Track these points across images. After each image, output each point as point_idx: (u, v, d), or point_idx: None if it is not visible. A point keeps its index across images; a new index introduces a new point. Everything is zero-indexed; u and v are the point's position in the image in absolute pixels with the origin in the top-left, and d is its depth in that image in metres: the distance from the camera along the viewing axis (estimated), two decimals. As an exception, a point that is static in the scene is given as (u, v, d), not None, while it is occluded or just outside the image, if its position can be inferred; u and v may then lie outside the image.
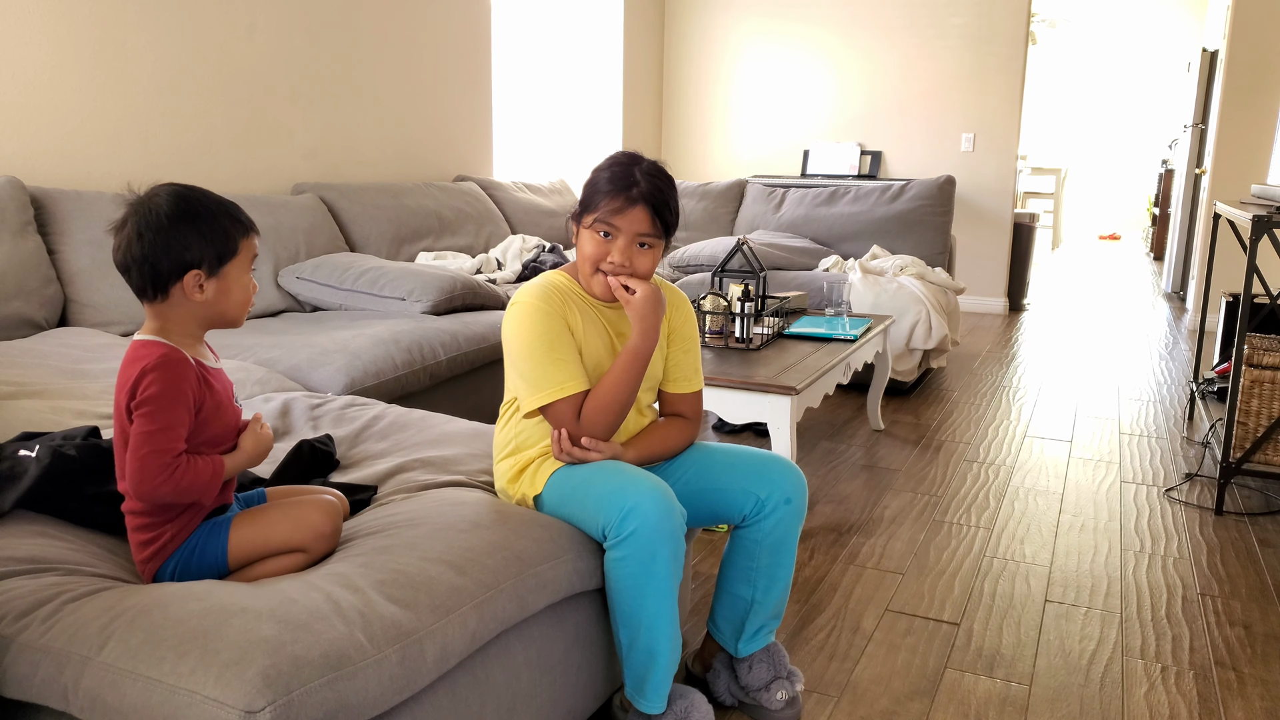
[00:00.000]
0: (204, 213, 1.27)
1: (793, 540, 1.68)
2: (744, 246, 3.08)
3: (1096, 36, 11.78)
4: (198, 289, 1.27)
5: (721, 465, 1.68)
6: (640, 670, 1.52)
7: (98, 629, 1.07)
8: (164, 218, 1.24)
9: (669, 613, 1.48)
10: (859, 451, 3.33)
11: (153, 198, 1.26)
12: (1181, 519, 2.75)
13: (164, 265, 1.24)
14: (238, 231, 1.30)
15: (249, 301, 1.34)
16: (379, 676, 1.07)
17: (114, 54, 3.08)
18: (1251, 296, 2.67)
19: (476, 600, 1.24)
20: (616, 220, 1.52)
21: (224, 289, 1.29)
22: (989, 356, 4.94)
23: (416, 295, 3.09)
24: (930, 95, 6.09)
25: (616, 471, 1.51)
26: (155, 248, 1.24)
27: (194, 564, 1.30)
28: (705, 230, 5.22)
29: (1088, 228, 12.51)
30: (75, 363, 2.27)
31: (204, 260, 1.26)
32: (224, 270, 1.28)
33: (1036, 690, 1.85)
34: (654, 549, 1.44)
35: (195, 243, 1.25)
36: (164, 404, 1.22)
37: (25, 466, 1.39)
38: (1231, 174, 5.63)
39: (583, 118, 6.03)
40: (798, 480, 1.67)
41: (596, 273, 1.57)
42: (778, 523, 1.65)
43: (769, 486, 1.64)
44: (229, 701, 0.96)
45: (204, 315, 1.30)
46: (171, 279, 1.25)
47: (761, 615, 1.71)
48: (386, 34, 4.21)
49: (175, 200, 1.25)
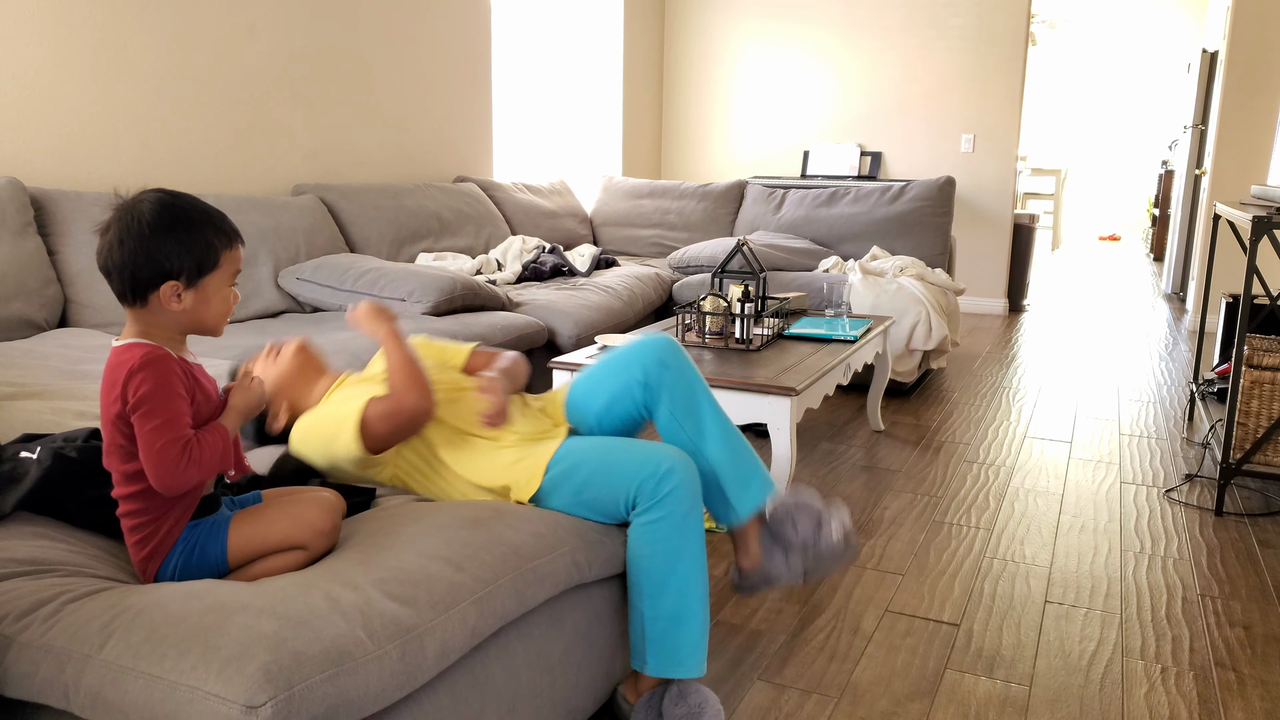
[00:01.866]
0: (187, 222, 1.25)
1: (698, 391, 1.72)
2: (744, 247, 3.08)
3: (1096, 37, 11.78)
4: (175, 299, 1.25)
5: (600, 386, 1.75)
6: (673, 638, 1.53)
7: (99, 628, 1.07)
8: (146, 226, 1.23)
9: (702, 571, 1.53)
10: (859, 452, 3.33)
11: (138, 204, 1.25)
12: (1181, 520, 2.75)
13: (143, 274, 1.23)
14: (220, 243, 1.28)
15: (228, 313, 1.33)
16: (379, 673, 1.07)
17: (114, 55, 3.08)
18: (1251, 297, 2.67)
19: (476, 596, 1.25)
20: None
21: (203, 300, 1.28)
22: (989, 357, 4.94)
23: (417, 296, 3.09)
24: (930, 96, 6.09)
25: (626, 443, 1.56)
26: (135, 255, 1.22)
27: (194, 563, 1.30)
28: (705, 231, 5.22)
29: (1088, 228, 12.51)
30: (75, 363, 2.27)
31: (183, 271, 1.25)
32: (203, 282, 1.27)
33: (1036, 691, 1.85)
34: (691, 505, 1.51)
35: (175, 253, 1.24)
36: (161, 397, 1.22)
37: (26, 468, 1.39)
38: (1231, 175, 5.63)
39: (583, 119, 6.03)
40: (662, 343, 1.73)
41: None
42: (672, 384, 1.69)
43: (639, 365, 1.71)
44: (230, 697, 0.97)
45: (181, 324, 1.29)
46: (150, 287, 1.24)
47: (726, 469, 1.69)
48: (387, 35, 4.21)
49: (159, 208, 1.24)
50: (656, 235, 5.31)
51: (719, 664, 1.92)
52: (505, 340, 3.08)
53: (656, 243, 5.30)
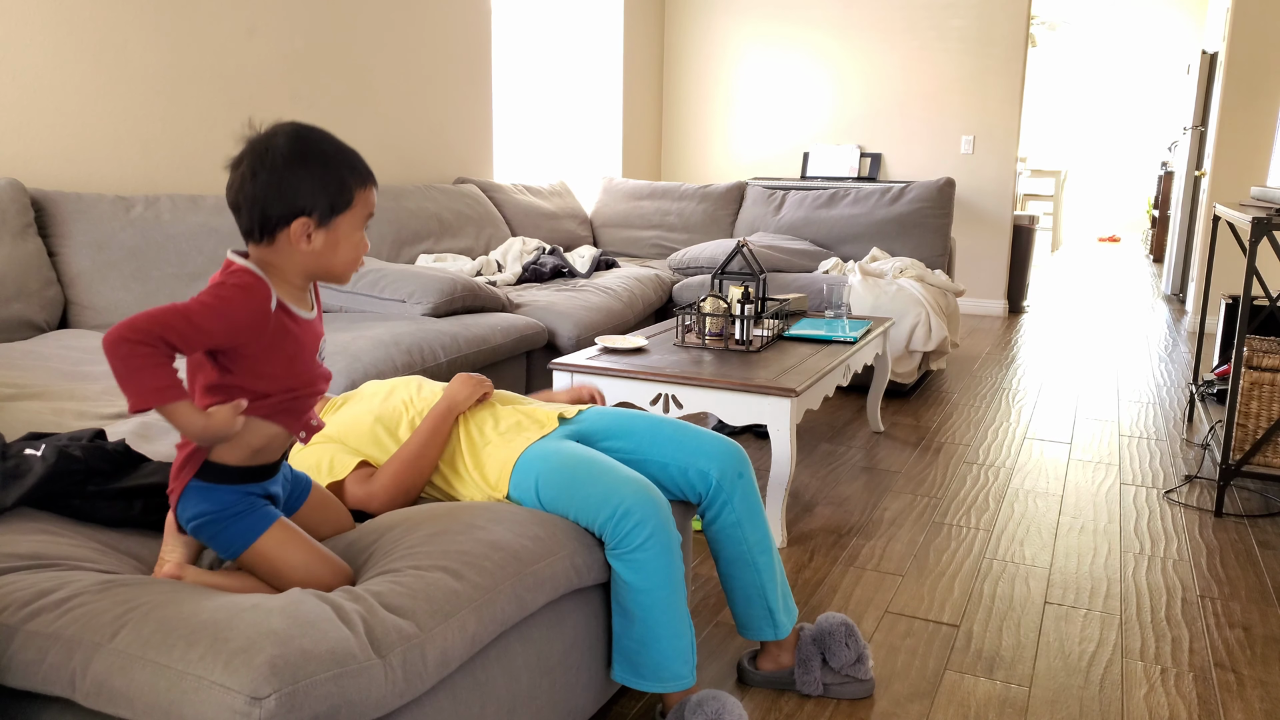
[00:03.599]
0: (322, 157, 1.18)
1: (760, 507, 1.79)
2: (744, 249, 3.09)
3: (1096, 39, 11.79)
4: (305, 238, 1.19)
5: (664, 437, 1.75)
6: (661, 657, 1.54)
7: (111, 619, 1.08)
8: (279, 158, 1.16)
9: (678, 597, 1.54)
10: (859, 453, 3.33)
11: (271, 136, 1.18)
12: (1181, 521, 2.75)
13: (274, 209, 1.17)
14: (355, 182, 1.21)
15: (357, 260, 1.25)
16: (381, 680, 1.08)
17: (114, 56, 3.08)
18: (1251, 298, 2.68)
19: (475, 603, 1.25)
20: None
21: (333, 242, 1.21)
22: (989, 358, 4.94)
23: (417, 297, 3.09)
24: (930, 97, 6.09)
25: (589, 472, 1.54)
26: (267, 189, 1.16)
27: (216, 532, 1.24)
28: (705, 232, 5.23)
29: (1087, 230, 12.51)
30: (76, 364, 2.27)
31: (315, 208, 1.18)
32: (335, 222, 1.20)
33: (1036, 692, 1.86)
34: (663, 547, 1.51)
35: (309, 188, 1.17)
36: (208, 312, 1.11)
37: (30, 465, 1.39)
38: (1231, 176, 5.63)
39: (583, 120, 6.03)
40: (739, 453, 1.77)
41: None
42: (743, 496, 1.74)
43: (715, 462, 1.73)
44: (235, 687, 0.98)
45: (308, 267, 1.21)
46: (281, 224, 1.17)
47: (771, 585, 1.78)
48: (387, 36, 4.22)
49: (294, 140, 1.18)
50: (656, 236, 5.32)
51: (719, 665, 1.93)
52: (505, 341, 3.09)
53: (656, 244, 5.30)
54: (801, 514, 2.75)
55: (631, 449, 1.75)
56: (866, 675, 1.81)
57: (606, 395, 2.64)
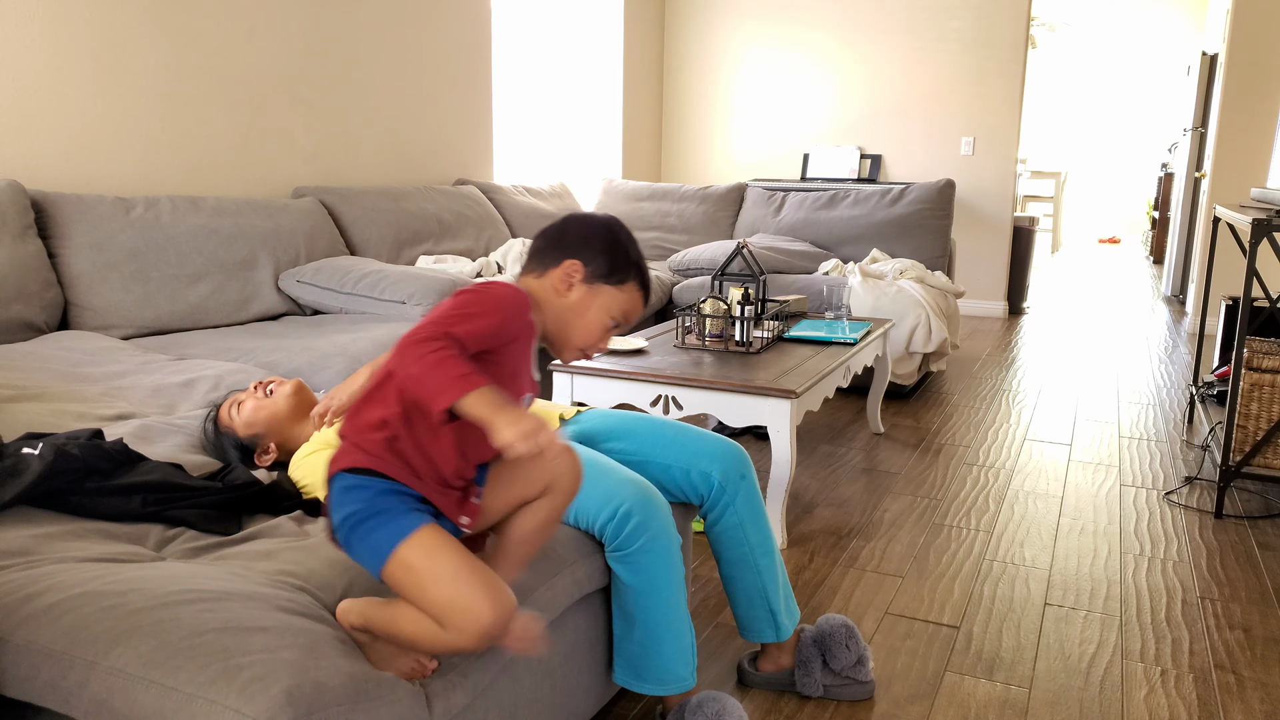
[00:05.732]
0: (625, 244, 1.28)
1: (763, 508, 1.80)
2: (744, 250, 3.09)
3: (1096, 40, 11.79)
4: (568, 284, 1.24)
5: (666, 439, 1.76)
6: (662, 659, 1.54)
7: (103, 631, 1.05)
8: (599, 221, 1.28)
9: (678, 598, 1.54)
10: (859, 455, 3.33)
11: (602, 214, 1.31)
12: (1181, 522, 2.75)
13: (563, 243, 1.25)
14: (635, 278, 1.27)
15: (592, 343, 1.26)
16: (391, 715, 1.07)
17: (114, 57, 3.08)
18: (1251, 300, 2.67)
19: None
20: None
21: (586, 305, 1.25)
22: (989, 360, 4.94)
23: (417, 299, 3.09)
24: (930, 99, 6.10)
25: (595, 469, 1.55)
26: (568, 229, 1.26)
27: (361, 537, 1.10)
28: (705, 234, 5.23)
29: (1087, 231, 12.52)
30: (75, 366, 2.27)
31: (593, 262, 1.25)
32: (599, 287, 1.25)
33: (1036, 693, 1.86)
34: (663, 549, 1.51)
35: (599, 248, 1.25)
36: (480, 304, 1.11)
37: (28, 463, 1.39)
38: (1231, 177, 5.63)
39: (583, 121, 6.03)
40: (741, 454, 1.78)
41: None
42: (746, 498, 1.75)
43: (718, 464, 1.74)
44: (252, 713, 0.95)
45: (552, 319, 1.24)
46: (561, 255, 1.25)
47: (773, 586, 1.79)
48: (387, 37, 4.22)
49: (614, 220, 1.30)
50: (656, 238, 5.32)
51: (720, 666, 1.93)
52: (505, 343, 3.08)
53: (656, 245, 5.30)
54: (801, 515, 2.75)
55: (633, 450, 1.75)
56: (867, 677, 1.81)
57: (606, 397, 2.64)
